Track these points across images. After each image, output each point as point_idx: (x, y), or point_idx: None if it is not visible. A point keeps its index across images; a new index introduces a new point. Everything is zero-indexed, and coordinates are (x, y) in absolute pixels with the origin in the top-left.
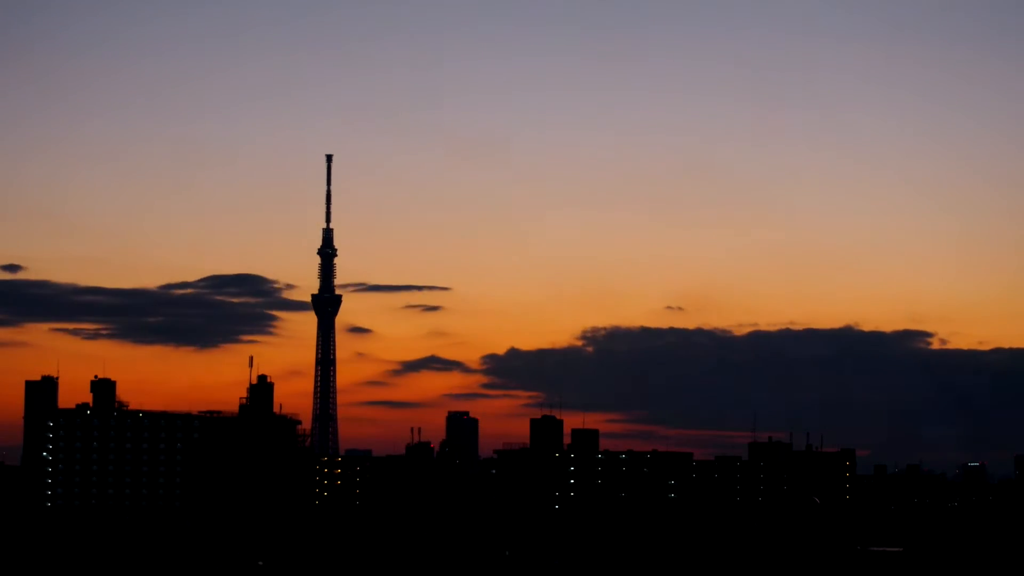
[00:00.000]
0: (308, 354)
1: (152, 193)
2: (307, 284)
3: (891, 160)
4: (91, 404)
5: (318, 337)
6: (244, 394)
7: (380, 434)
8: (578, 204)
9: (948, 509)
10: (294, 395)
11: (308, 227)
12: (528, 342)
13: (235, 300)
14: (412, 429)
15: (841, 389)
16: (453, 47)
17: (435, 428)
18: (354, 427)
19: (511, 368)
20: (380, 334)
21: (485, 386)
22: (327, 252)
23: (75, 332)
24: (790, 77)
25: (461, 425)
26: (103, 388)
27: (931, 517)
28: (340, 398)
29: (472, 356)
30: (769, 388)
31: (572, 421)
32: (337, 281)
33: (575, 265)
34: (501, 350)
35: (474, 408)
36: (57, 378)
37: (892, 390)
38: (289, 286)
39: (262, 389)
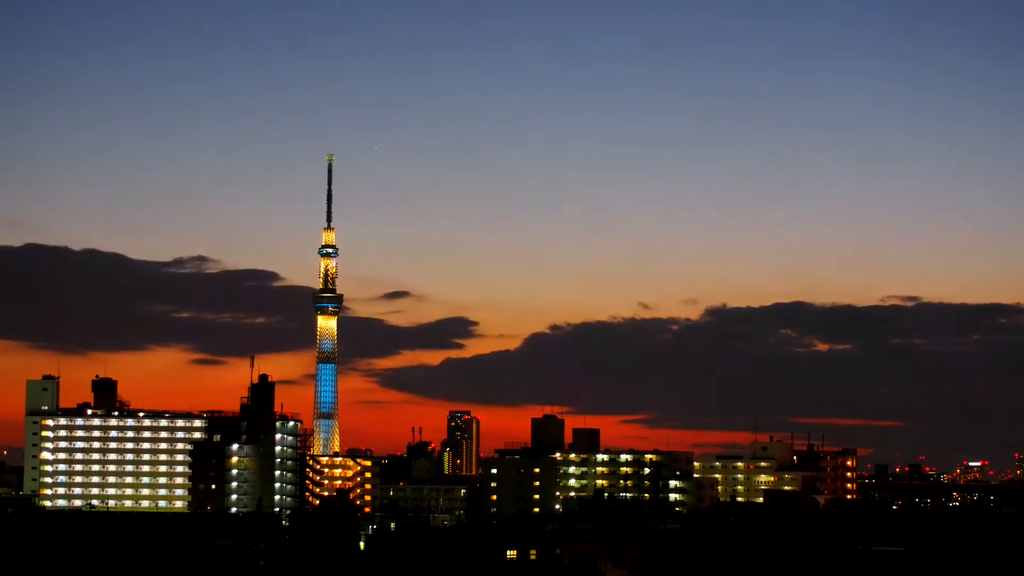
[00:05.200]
0: (309, 353)
1: (153, 192)
2: (308, 284)
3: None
4: (92, 404)
5: (319, 336)
6: (246, 393)
7: (381, 433)
8: (577, 200)
9: (949, 509)
10: (295, 394)
11: (308, 227)
12: (529, 341)
13: (235, 299)
14: (413, 428)
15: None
16: (453, 46)
17: (436, 427)
18: (355, 426)
19: (514, 366)
20: (381, 333)
21: (488, 385)
22: (328, 252)
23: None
24: None
25: (462, 424)
26: (104, 387)
27: (932, 517)
28: (341, 397)
29: (476, 354)
30: (770, 386)
31: (573, 420)
32: (338, 281)
33: (573, 261)
34: (508, 347)
35: (475, 408)
36: (58, 378)
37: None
38: (290, 285)
39: (263, 388)
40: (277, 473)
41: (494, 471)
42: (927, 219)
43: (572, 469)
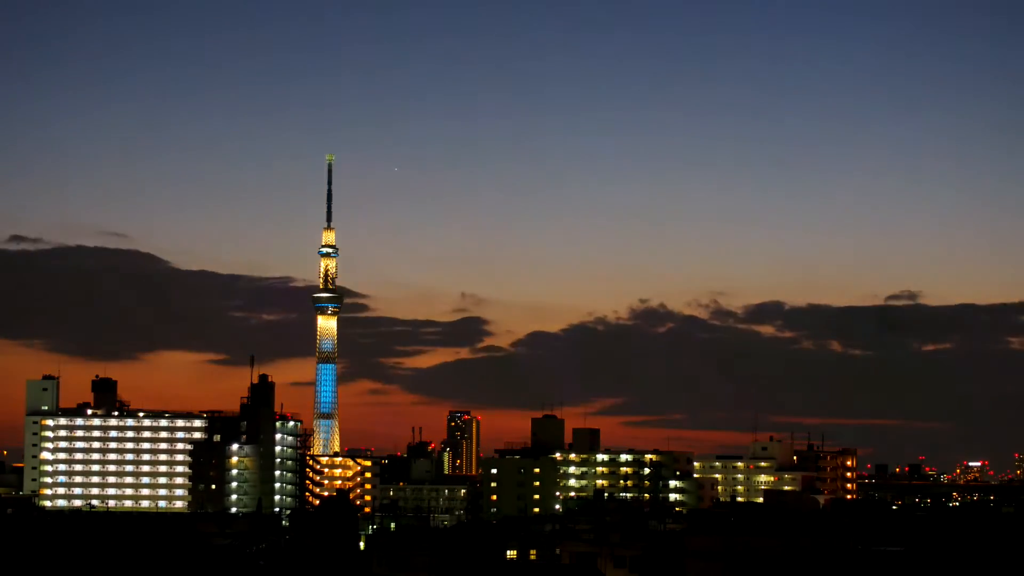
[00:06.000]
0: (309, 353)
1: (153, 192)
2: (308, 284)
3: None
4: (92, 404)
5: (319, 336)
6: (246, 393)
7: (381, 433)
8: (576, 200)
9: (949, 509)
10: (296, 394)
11: (308, 227)
12: (529, 340)
13: (235, 299)
14: (413, 428)
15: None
16: (454, 46)
17: (436, 427)
18: (355, 426)
19: (514, 366)
20: (381, 332)
21: (488, 385)
22: (328, 252)
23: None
24: None
25: (462, 424)
26: (104, 387)
27: (932, 517)
28: (341, 397)
29: (477, 354)
30: (770, 386)
31: (573, 420)
32: (338, 280)
33: (572, 261)
34: (508, 346)
35: (475, 408)
36: (58, 378)
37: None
38: (290, 285)
39: (263, 388)
40: (277, 473)
41: (494, 471)
42: (930, 219)
43: (572, 469)
